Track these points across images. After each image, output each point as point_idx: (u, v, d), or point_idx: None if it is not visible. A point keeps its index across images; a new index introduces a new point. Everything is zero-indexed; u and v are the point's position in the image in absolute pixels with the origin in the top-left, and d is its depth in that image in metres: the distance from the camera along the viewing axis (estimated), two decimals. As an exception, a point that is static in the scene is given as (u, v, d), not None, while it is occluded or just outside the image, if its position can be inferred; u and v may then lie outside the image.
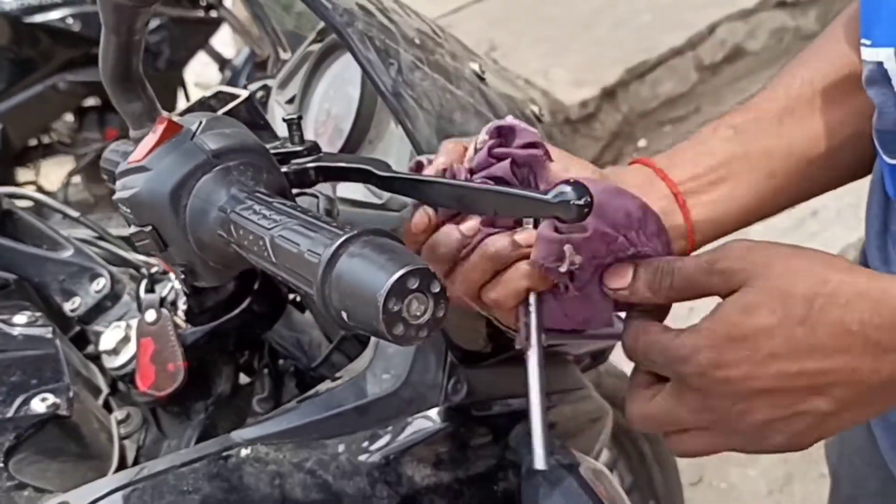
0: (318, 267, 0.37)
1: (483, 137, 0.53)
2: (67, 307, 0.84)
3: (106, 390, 0.80)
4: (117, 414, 0.79)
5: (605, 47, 3.09)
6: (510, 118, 0.54)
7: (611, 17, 3.26)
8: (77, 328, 0.86)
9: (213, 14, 2.50)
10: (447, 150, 0.54)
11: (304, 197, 0.66)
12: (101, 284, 0.84)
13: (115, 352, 0.78)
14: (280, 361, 0.85)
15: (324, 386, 0.69)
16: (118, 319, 0.83)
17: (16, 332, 0.77)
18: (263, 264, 0.43)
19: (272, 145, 0.57)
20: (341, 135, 0.75)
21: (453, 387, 0.68)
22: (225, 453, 0.63)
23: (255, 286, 0.74)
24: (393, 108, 0.61)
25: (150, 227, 0.48)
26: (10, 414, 0.67)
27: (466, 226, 0.50)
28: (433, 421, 0.67)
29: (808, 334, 0.43)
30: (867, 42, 0.51)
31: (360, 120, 0.73)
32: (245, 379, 0.86)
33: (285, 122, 0.56)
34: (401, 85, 0.62)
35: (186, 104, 0.69)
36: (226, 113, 0.57)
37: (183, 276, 0.51)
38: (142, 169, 0.47)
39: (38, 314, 0.79)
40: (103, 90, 0.57)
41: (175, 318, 0.75)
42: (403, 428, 0.67)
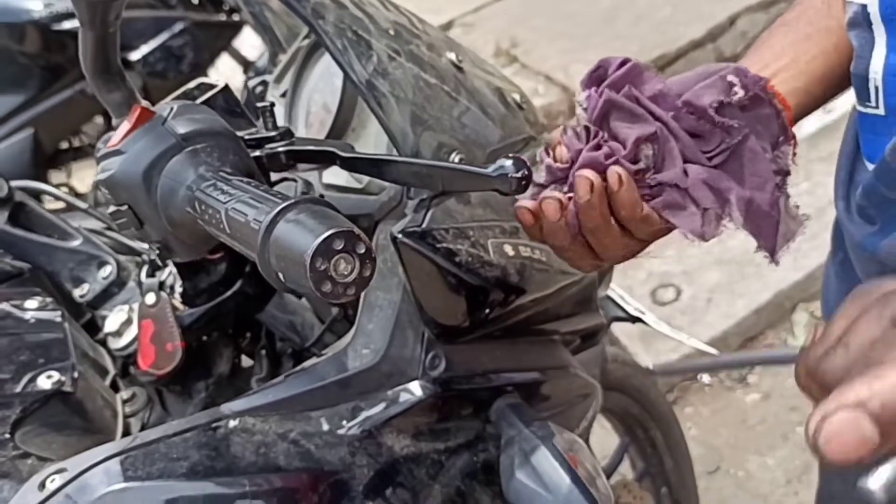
0: (259, 233, 0.40)
1: (582, 96, 0.55)
2: (77, 293, 0.89)
3: (113, 371, 0.85)
4: (123, 393, 0.84)
5: (626, 41, 3.09)
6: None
7: (631, 12, 3.26)
8: (88, 314, 0.91)
9: (236, 17, 2.56)
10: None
11: (288, 182, 0.70)
12: (108, 271, 0.89)
13: (118, 333, 0.83)
14: (278, 344, 0.89)
15: (309, 362, 0.72)
16: (124, 304, 0.87)
17: (27, 315, 0.82)
18: (221, 236, 0.46)
19: (248, 132, 0.61)
20: (327, 124, 0.78)
21: (431, 361, 0.70)
22: (214, 424, 0.67)
23: (247, 269, 0.78)
24: (367, 99, 0.65)
25: (127, 207, 0.52)
26: (17, 390, 0.72)
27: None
28: (412, 394, 0.70)
29: None
30: None
31: (342, 110, 0.77)
32: (248, 362, 0.90)
33: (258, 110, 0.59)
34: (374, 76, 0.65)
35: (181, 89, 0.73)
36: (204, 101, 0.60)
37: (158, 252, 0.54)
38: (118, 153, 0.51)
39: (48, 299, 0.84)
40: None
41: (173, 301, 0.79)
42: (383, 400, 0.70)
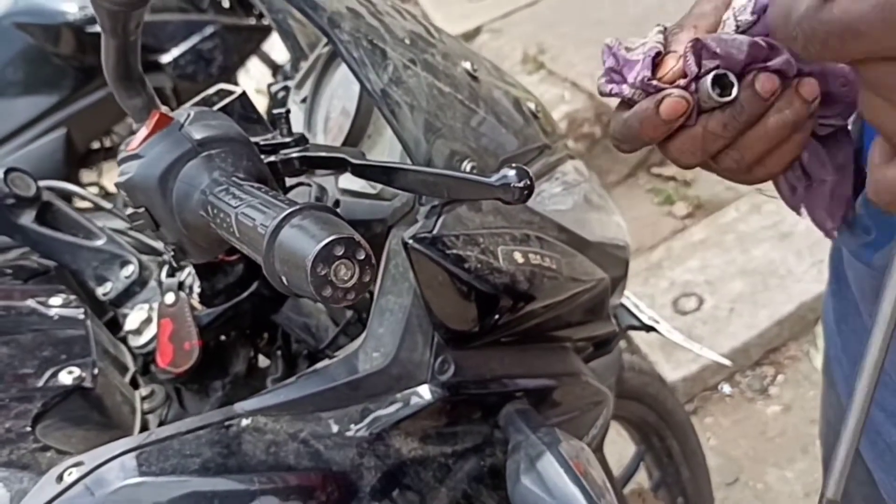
0: (265, 237, 0.42)
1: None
2: (100, 291, 0.91)
3: (133, 368, 0.87)
4: (142, 390, 0.86)
5: (654, 49, 3.08)
6: None
7: (660, 20, 3.25)
8: (110, 312, 0.93)
9: (265, 21, 2.59)
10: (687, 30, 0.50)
11: (303, 187, 0.72)
12: (131, 271, 0.91)
13: (138, 332, 0.85)
14: (294, 345, 0.90)
15: (321, 364, 0.74)
16: (145, 302, 0.89)
17: (51, 312, 0.84)
18: (231, 239, 0.48)
19: (263, 137, 0.62)
20: (344, 130, 0.80)
21: (440, 365, 0.71)
22: (227, 422, 0.68)
23: (262, 271, 0.79)
24: (380, 107, 0.66)
25: (144, 209, 0.54)
26: (39, 384, 0.74)
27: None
28: (421, 397, 0.71)
29: None
30: None
31: (359, 116, 0.78)
32: (265, 362, 0.92)
33: (275, 116, 0.61)
34: (388, 84, 0.67)
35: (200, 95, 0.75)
36: (222, 107, 0.62)
37: (173, 254, 0.56)
38: (136, 157, 0.53)
39: (72, 297, 0.87)
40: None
41: (191, 301, 0.81)
42: (392, 403, 0.71)
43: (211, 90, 0.67)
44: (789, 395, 2.07)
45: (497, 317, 0.72)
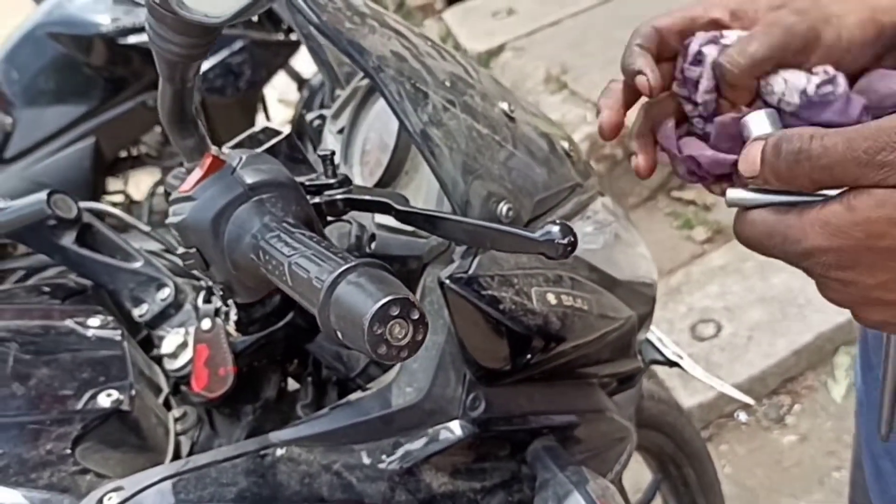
0: (321, 292, 0.43)
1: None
2: (136, 313, 0.93)
3: (166, 390, 0.89)
4: (175, 412, 0.87)
5: (678, 72, 3.09)
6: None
7: (685, 42, 3.26)
8: (145, 332, 0.95)
9: (293, 37, 2.62)
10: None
11: (344, 224, 0.73)
12: (167, 293, 0.93)
13: (174, 355, 0.87)
14: (324, 371, 0.92)
15: (354, 395, 0.75)
16: (180, 326, 0.91)
17: (89, 333, 0.86)
18: (283, 286, 0.49)
19: (308, 178, 0.64)
20: (381, 165, 0.81)
21: (471, 402, 0.73)
22: (262, 452, 0.70)
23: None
24: (420, 148, 0.68)
25: (195, 249, 0.55)
26: (79, 406, 0.76)
27: None
28: (452, 433, 0.73)
29: None
30: None
31: (397, 153, 0.80)
32: (294, 385, 0.93)
33: (320, 158, 0.63)
34: (429, 126, 0.68)
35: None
36: (267, 149, 0.64)
37: (222, 293, 0.58)
38: (189, 199, 0.55)
39: (109, 318, 0.89)
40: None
41: (227, 328, 0.83)
42: (424, 438, 0.72)
43: (257, 128, 0.69)
44: (806, 425, 2.07)
45: (529, 356, 0.73)
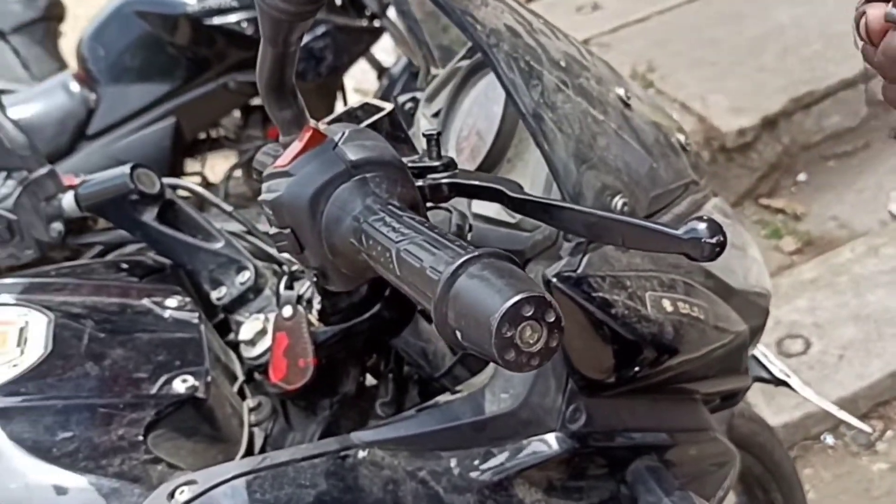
0: (438, 284, 0.37)
1: None
2: (214, 295, 0.89)
3: (241, 378, 0.85)
4: (249, 402, 0.83)
5: (770, 75, 2.96)
6: None
7: (779, 44, 3.12)
8: (221, 316, 0.91)
9: (376, 24, 2.59)
10: None
11: (439, 210, 0.68)
12: (246, 277, 0.89)
13: (252, 343, 0.82)
14: (405, 368, 0.87)
15: (443, 398, 0.70)
16: (258, 312, 0.87)
17: (166, 314, 0.82)
18: (388, 275, 0.44)
19: (410, 159, 0.58)
20: (481, 151, 0.76)
21: (572, 414, 0.67)
22: (343, 453, 0.65)
23: (386, 293, 0.76)
24: (532, 130, 0.62)
25: (289, 230, 0.50)
26: (153, 391, 0.72)
27: None
28: (549, 446, 0.67)
29: None
30: None
31: (500, 138, 0.74)
32: (371, 381, 0.88)
33: (424, 137, 0.57)
34: (542, 107, 0.62)
35: (344, 108, 0.73)
36: (369, 125, 0.58)
37: (315, 279, 0.53)
38: (285, 174, 0.50)
39: (187, 299, 0.85)
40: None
41: (309, 317, 0.78)
42: (518, 449, 0.66)
43: (355, 104, 0.63)
44: (899, 453, 1.94)
45: (637, 368, 0.67)
